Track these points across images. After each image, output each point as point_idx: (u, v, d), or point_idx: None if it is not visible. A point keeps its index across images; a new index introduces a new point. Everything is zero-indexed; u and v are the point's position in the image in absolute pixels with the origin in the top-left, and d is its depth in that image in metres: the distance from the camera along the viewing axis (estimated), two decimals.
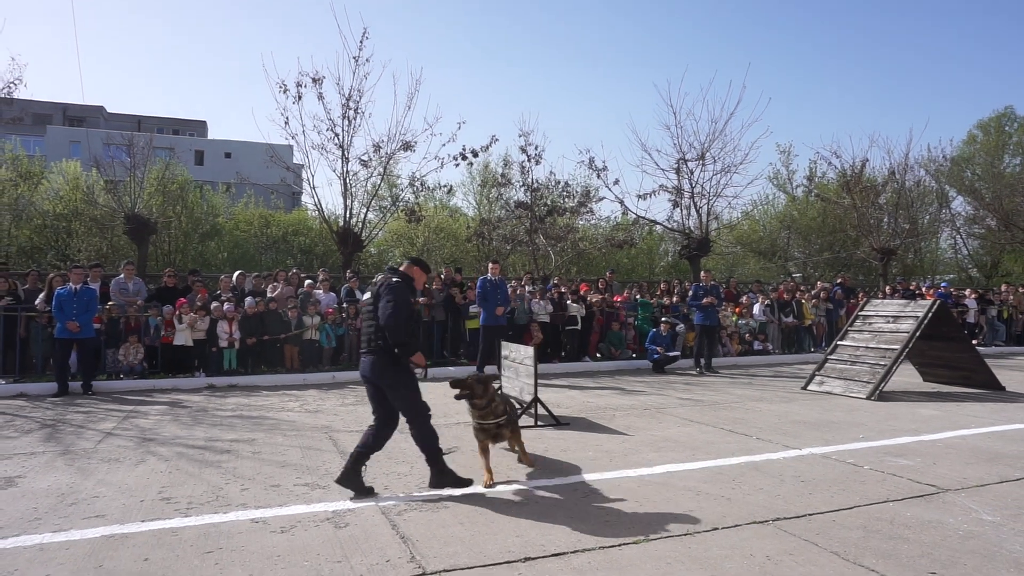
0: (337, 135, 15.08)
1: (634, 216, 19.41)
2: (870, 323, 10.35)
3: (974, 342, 13.54)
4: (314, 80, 14.79)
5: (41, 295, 10.41)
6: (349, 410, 8.16)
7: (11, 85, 14.24)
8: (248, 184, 20.10)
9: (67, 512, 4.25)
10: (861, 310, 10.84)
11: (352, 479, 4.62)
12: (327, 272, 13.68)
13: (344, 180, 15.41)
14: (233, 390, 9.92)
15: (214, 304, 10.96)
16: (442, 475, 4.79)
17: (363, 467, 4.74)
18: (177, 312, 10.69)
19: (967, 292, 18.64)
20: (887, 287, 18.40)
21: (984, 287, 23.10)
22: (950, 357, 10.31)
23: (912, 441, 6.40)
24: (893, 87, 76.57)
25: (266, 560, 3.48)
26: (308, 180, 16.28)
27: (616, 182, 18.21)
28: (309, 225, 26.70)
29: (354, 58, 14.89)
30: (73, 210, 22.11)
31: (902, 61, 76.73)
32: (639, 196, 18.44)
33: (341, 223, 15.85)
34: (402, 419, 4.82)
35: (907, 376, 10.89)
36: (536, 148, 16.95)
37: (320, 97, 14.90)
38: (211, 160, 44.20)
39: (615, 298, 14.13)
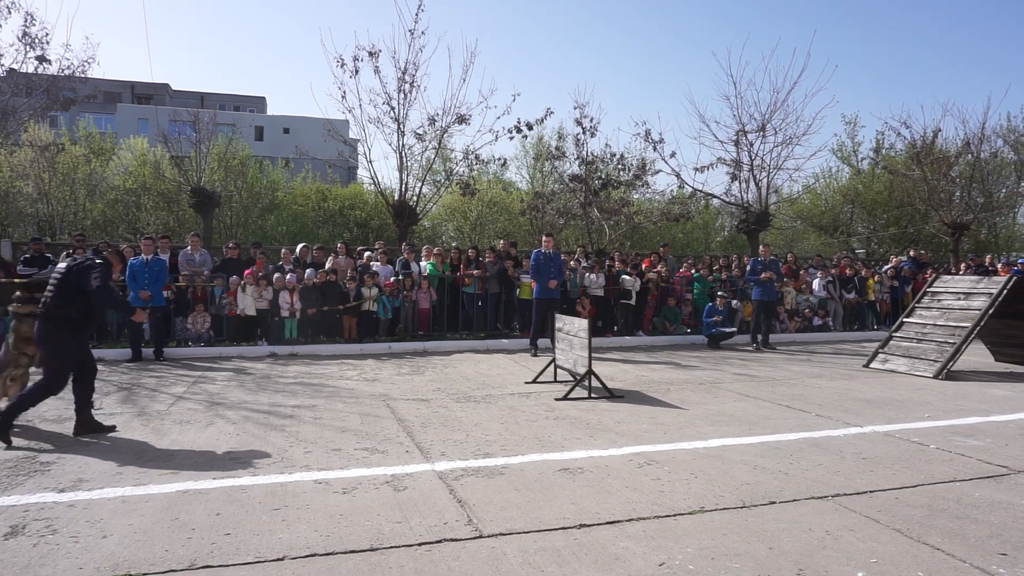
0: (393, 108, 15.19)
1: (691, 189, 19.05)
2: (939, 300, 9.96)
3: None
4: (370, 54, 14.89)
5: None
6: (406, 379, 8.33)
7: (85, 64, 14.79)
8: (306, 159, 20.45)
9: (145, 468, 4.50)
10: (930, 286, 10.43)
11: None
12: (384, 244, 13.90)
13: (400, 154, 15.55)
14: (294, 358, 10.24)
15: (276, 275, 11.28)
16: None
17: None
18: (242, 282, 11.05)
19: None
20: (961, 264, 17.63)
21: None
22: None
23: (982, 421, 6.18)
24: (970, 52, 72.58)
25: (329, 519, 3.61)
26: (364, 154, 16.49)
27: (673, 155, 17.82)
28: (365, 199, 27.10)
29: (410, 31, 14.92)
30: (142, 184, 22.98)
31: (980, 23, 72.52)
32: (696, 169, 18.07)
33: (396, 196, 16.03)
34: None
35: (978, 355, 10.47)
36: (591, 120, 16.74)
37: (376, 71, 15.01)
38: (270, 135, 45.19)
39: (680, 272, 13.94)
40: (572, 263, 13.20)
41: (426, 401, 6.92)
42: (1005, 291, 9.16)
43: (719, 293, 12.82)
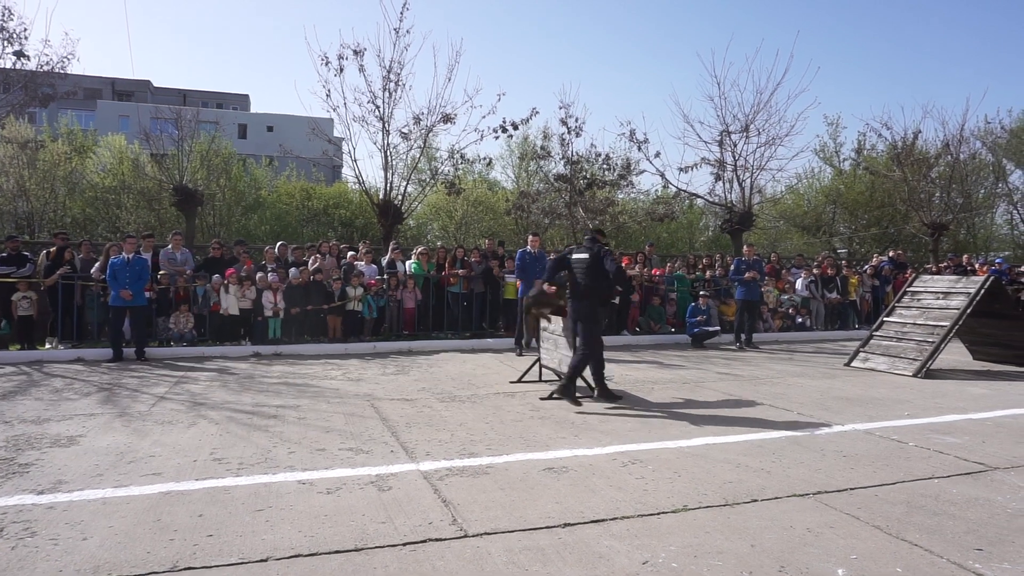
0: (378, 107, 15.15)
1: (675, 189, 19.18)
2: (919, 299, 10.10)
3: None
4: (355, 52, 14.84)
5: (96, 264, 10.80)
6: (390, 379, 8.31)
7: (64, 60, 14.60)
8: (290, 157, 20.32)
9: (126, 469, 4.45)
10: (910, 286, 10.57)
11: (567, 392, 6.64)
12: (369, 244, 13.86)
13: (385, 152, 15.51)
14: (278, 358, 10.19)
15: (259, 274, 11.21)
16: (568, 389, 6.69)
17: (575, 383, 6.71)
18: (225, 282, 10.97)
19: (1023, 269, 17.99)
20: (941, 263, 17.86)
21: None
22: (1003, 335, 10.01)
23: (960, 419, 6.27)
24: (949, 55, 73.52)
25: (313, 519, 3.60)
26: (349, 153, 16.59)
27: (657, 155, 17.94)
28: (349, 198, 27.01)
29: (395, 29, 14.89)
30: (122, 182, 22.75)
31: (960, 27, 73.48)
32: (680, 169, 18.22)
33: (381, 196, 15.98)
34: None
35: (956, 354, 10.62)
36: (576, 120, 16.83)
37: (361, 69, 14.96)
38: (254, 133, 44.89)
39: (654, 272, 14.01)
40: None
41: (411, 401, 6.91)
42: (983, 291, 9.29)
43: (701, 293, 12.91)
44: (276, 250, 12.31)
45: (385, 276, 12.32)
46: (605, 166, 17.66)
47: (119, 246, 10.28)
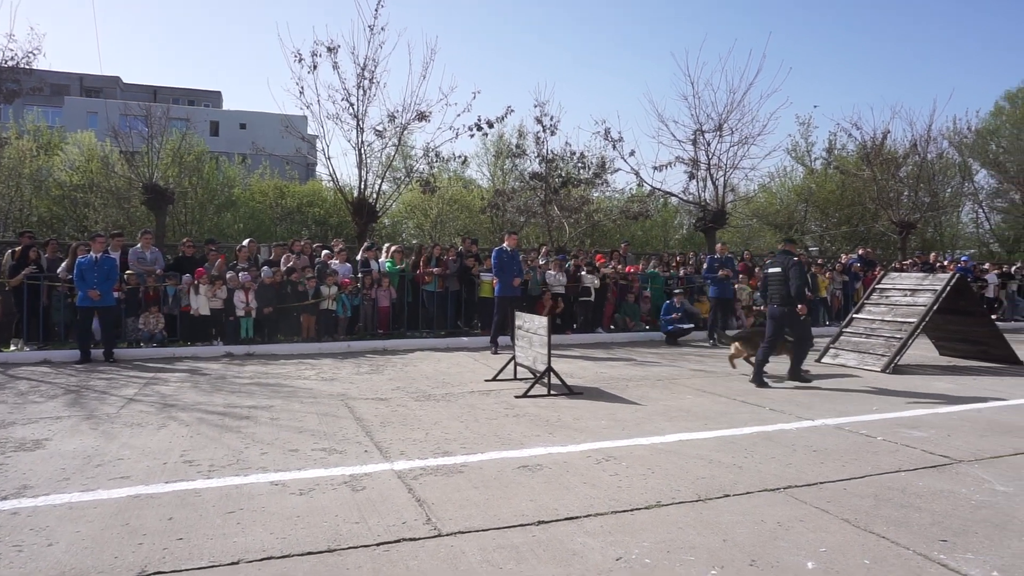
0: (352, 105, 15.05)
1: (649, 188, 19.30)
2: (887, 296, 10.28)
3: (993, 317, 13.44)
4: (329, 49, 14.72)
5: (63, 264, 10.57)
6: (364, 378, 8.26)
7: (30, 55, 14.29)
8: (263, 155, 20.09)
9: (93, 473, 4.37)
10: (878, 283, 10.76)
11: (759, 379, 7.94)
12: (343, 242, 13.76)
13: (359, 150, 15.40)
14: (250, 358, 10.07)
15: (229, 274, 11.07)
16: (795, 370, 8.19)
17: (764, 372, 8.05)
18: (195, 281, 10.81)
19: (987, 266, 18.42)
20: (907, 260, 18.22)
21: (1006, 262, 22.81)
22: (968, 331, 10.24)
23: (926, 414, 6.40)
24: (917, 57, 74.96)
25: (286, 520, 3.57)
26: (323, 151, 16.28)
27: (632, 153, 18.05)
28: (324, 196, 26.80)
29: (369, 27, 14.79)
30: (91, 180, 22.30)
31: (927, 30, 74.92)
32: (655, 168, 18.34)
33: (356, 194, 15.87)
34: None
35: (923, 350, 10.83)
36: (551, 119, 16.86)
37: (335, 66, 14.85)
38: (226, 131, 44.31)
39: (627, 269, 14.10)
40: (539, 261, 13.25)
41: (385, 400, 6.87)
42: (949, 288, 9.49)
43: (675, 291, 13.02)
44: (247, 247, 12.16)
45: (359, 275, 12.24)
46: (580, 164, 17.73)
47: (87, 245, 10.08)
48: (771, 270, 8.39)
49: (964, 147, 28.79)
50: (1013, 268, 18.84)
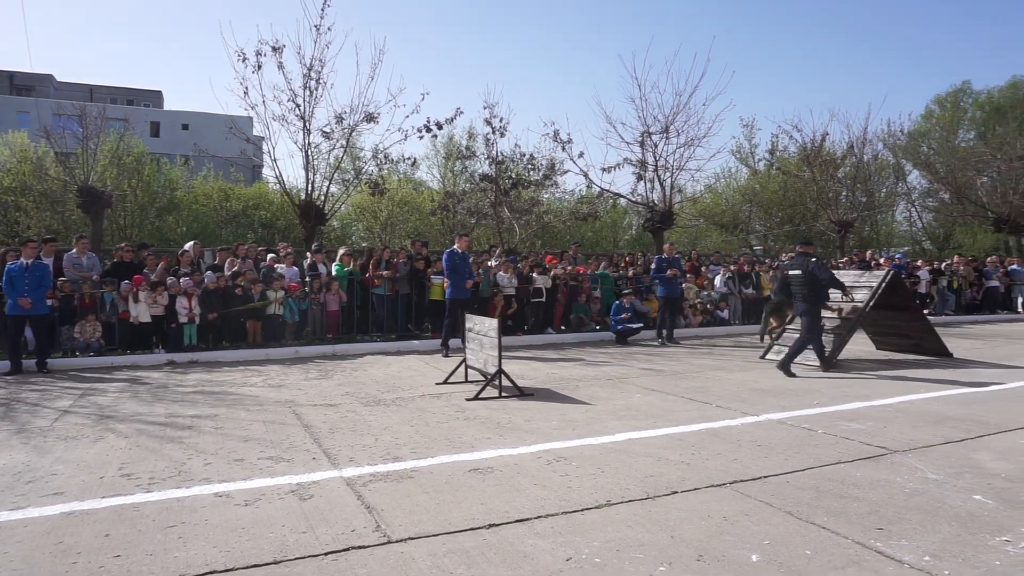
0: (298, 106, 14.77)
1: (598, 189, 19.50)
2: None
3: (925, 311, 14.00)
4: (274, 49, 14.43)
5: None
6: (313, 384, 8.12)
7: None
8: (207, 156, 19.54)
9: (24, 490, 4.18)
10: None
11: (786, 368, 8.54)
12: (289, 246, 13.51)
13: (306, 152, 15.13)
14: (194, 366, 9.79)
15: (170, 280, 10.74)
16: (823, 359, 8.96)
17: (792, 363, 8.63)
18: (134, 288, 10.46)
19: (920, 263, 19.19)
20: (844, 259, 18.85)
21: (936, 258, 23.83)
22: (902, 326, 10.64)
23: (864, 406, 6.63)
24: (854, 62, 77.64)
25: (230, 532, 3.48)
26: (269, 152, 15.90)
27: (581, 155, 18.21)
28: (270, 199, 26.29)
29: (315, 26, 14.54)
30: (22, 183, 21.36)
31: (864, 35, 77.71)
32: (604, 169, 18.56)
33: (303, 196, 15.59)
34: None
35: (861, 344, 11.22)
36: (501, 120, 16.90)
37: (280, 67, 14.55)
38: (167, 132, 43.02)
39: (578, 269, 14.22)
40: (490, 263, 13.25)
41: (334, 406, 6.77)
42: (884, 284, 9.84)
43: (624, 291, 13.19)
44: (190, 250, 11.82)
45: (308, 279, 12.04)
46: (530, 166, 17.80)
47: (16, 251, 9.65)
48: (792, 272, 9.06)
49: (898, 149, 29.96)
50: (943, 264, 19.70)
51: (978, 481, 4.25)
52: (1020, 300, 20.00)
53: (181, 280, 10.75)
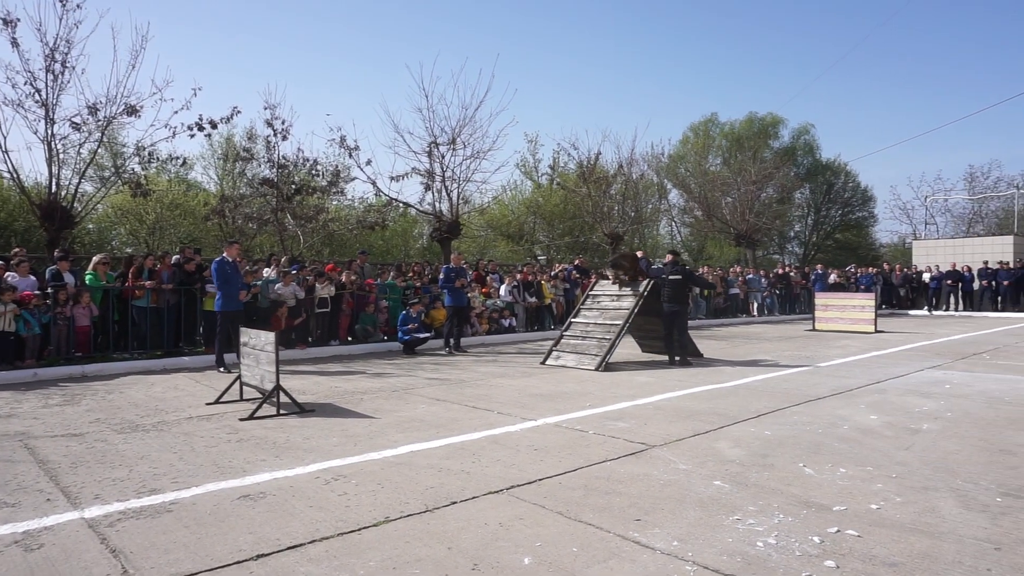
0: (39, 91, 12.88)
1: (387, 198, 19.34)
2: (598, 301, 11.45)
3: None
4: (5, 22, 12.47)
5: None
6: (54, 411, 7.08)
7: None
8: None
9: None
10: (591, 290, 11.94)
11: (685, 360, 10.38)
12: (23, 251, 11.70)
13: (49, 144, 13.21)
14: None
15: None
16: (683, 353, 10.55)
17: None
18: None
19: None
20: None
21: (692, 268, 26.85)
22: (662, 330, 11.78)
23: (629, 405, 7.22)
24: (622, 87, 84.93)
25: None
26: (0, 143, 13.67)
27: (368, 162, 17.96)
28: (5, 196, 22.64)
29: (60, 2, 12.79)
30: None
31: (630, 63, 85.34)
32: (392, 178, 18.45)
33: (47, 195, 13.60)
34: None
35: (629, 348, 12.26)
36: (283, 123, 16.12)
37: (15, 43, 12.59)
38: None
39: (367, 281, 13.97)
40: (265, 272, 12.52)
41: (80, 436, 5.94)
42: (647, 292, 10.85)
43: (412, 301, 13.20)
44: None
45: (50, 289, 10.49)
46: (314, 172, 17.17)
47: None
48: (672, 277, 10.65)
49: (660, 169, 33.41)
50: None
51: (718, 468, 4.80)
52: (755, 304, 23.27)
53: None
